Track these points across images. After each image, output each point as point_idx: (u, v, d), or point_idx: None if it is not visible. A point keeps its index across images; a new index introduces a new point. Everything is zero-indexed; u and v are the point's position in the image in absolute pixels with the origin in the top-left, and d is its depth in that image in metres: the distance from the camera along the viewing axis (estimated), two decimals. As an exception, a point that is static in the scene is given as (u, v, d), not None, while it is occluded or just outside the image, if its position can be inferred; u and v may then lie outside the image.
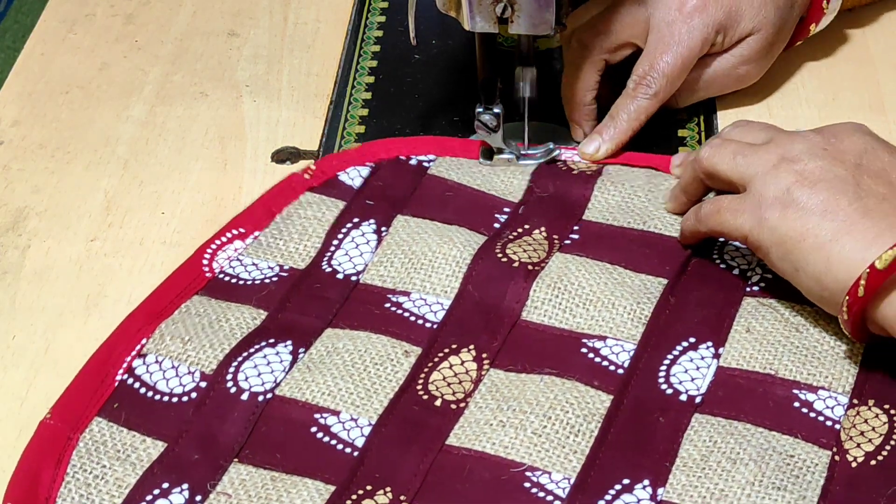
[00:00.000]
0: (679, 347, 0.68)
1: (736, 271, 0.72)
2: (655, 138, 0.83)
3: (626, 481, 0.62)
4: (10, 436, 0.67)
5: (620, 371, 0.67)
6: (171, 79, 0.91)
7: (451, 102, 0.87)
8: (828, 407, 0.65)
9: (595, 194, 0.78)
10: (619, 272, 0.72)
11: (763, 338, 0.68)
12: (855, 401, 0.65)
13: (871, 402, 0.65)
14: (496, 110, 0.77)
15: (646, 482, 0.62)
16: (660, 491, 0.61)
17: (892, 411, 0.65)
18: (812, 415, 0.65)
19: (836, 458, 0.63)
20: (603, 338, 0.69)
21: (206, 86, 0.90)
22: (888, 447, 0.63)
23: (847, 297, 0.62)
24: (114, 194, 0.82)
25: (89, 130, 0.87)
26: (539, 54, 0.90)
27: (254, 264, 0.74)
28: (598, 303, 0.71)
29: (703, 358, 0.68)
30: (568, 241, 0.75)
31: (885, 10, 0.93)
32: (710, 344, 0.68)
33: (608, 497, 0.61)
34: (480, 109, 0.78)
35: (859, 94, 0.87)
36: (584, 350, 0.68)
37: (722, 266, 0.73)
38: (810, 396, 0.65)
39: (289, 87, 0.90)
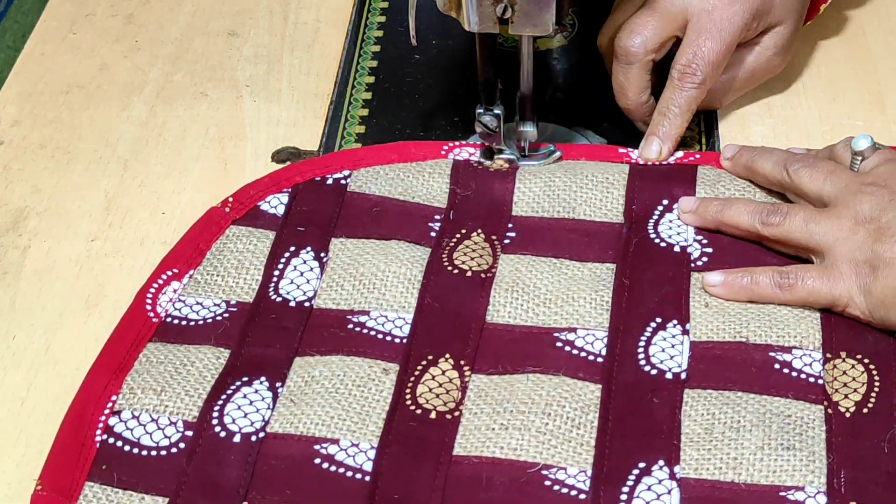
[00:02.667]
0: (649, 329, 0.70)
1: (676, 248, 0.74)
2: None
3: (642, 465, 0.63)
4: (11, 436, 0.67)
5: (600, 359, 0.68)
6: (171, 79, 0.91)
7: (451, 102, 0.87)
8: (806, 364, 0.67)
9: (518, 186, 0.78)
10: (567, 265, 0.74)
11: (724, 309, 0.70)
12: (828, 355, 0.68)
13: (843, 354, 0.68)
14: (496, 111, 0.77)
15: (661, 462, 0.63)
16: (676, 469, 0.63)
17: (866, 360, 0.67)
18: (794, 374, 0.67)
19: (829, 411, 0.65)
20: (573, 329, 0.70)
21: (206, 86, 0.90)
22: (874, 394, 0.66)
23: None
24: (114, 194, 0.82)
25: (89, 130, 0.87)
26: (539, 55, 0.90)
27: (198, 303, 0.73)
28: (558, 299, 0.71)
29: (674, 336, 0.69)
30: (507, 241, 0.75)
31: (885, 10, 0.93)
32: (675, 322, 0.70)
33: (630, 482, 0.62)
34: (481, 110, 0.78)
35: (859, 93, 0.87)
36: (558, 344, 0.69)
37: (662, 244, 0.74)
38: (787, 357, 0.68)
39: (289, 87, 0.90)
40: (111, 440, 0.65)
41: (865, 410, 0.65)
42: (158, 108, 0.88)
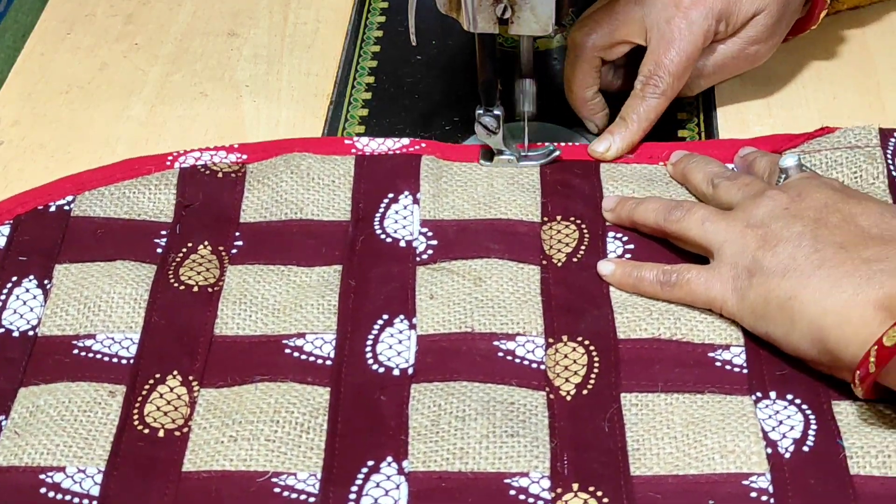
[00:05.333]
0: (376, 326, 0.71)
1: (402, 243, 0.75)
2: (657, 138, 0.82)
3: (371, 463, 0.64)
4: None
5: (329, 363, 0.69)
6: (171, 79, 0.91)
7: (451, 103, 0.87)
8: (529, 351, 0.69)
9: (246, 195, 0.78)
10: (295, 271, 0.74)
11: (448, 300, 0.71)
12: (550, 339, 0.70)
13: (564, 338, 0.70)
14: (496, 112, 0.77)
15: (389, 458, 0.64)
16: (405, 463, 0.64)
17: (586, 342, 0.69)
18: (517, 361, 0.69)
19: (551, 396, 0.67)
20: (302, 335, 0.70)
21: (206, 86, 0.90)
22: (594, 375, 0.68)
23: (858, 373, 0.63)
24: (114, 195, 0.82)
25: (89, 130, 0.87)
26: (539, 54, 0.90)
27: None
28: (286, 307, 0.72)
29: (401, 332, 0.70)
30: (235, 251, 0.75)
31: (885, 11, 0.93)
32: (402, 317, 0.71)
33: (359, 481, 0.63)
34: (481, 111, 0.78)
35: (859, 94, 0.87)
36: (287, 351, 0.70)
37: (388, 240, 0.75)
38: (510, 345, 0.69)
39: (289, 87, 0.90)
40: None
41: (585, 392, 0.67)
42: (158, 108, 0.88)
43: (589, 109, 0.84)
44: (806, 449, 0.64)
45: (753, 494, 0.62)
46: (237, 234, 0.76)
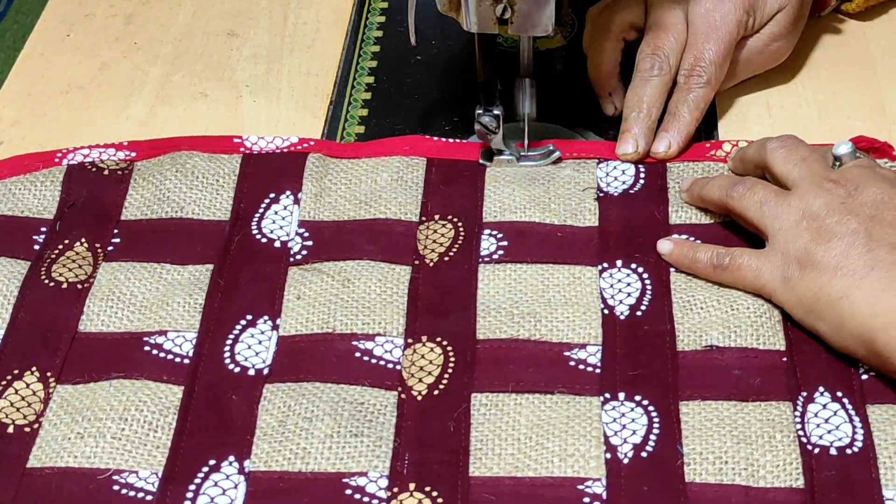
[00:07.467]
0: (238, 326, 0.71)
1: (277, 243, 0.75)
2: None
3: (212, 462, 0.64)
4: None
5: (186, 361, 0.69)
6: (171, 79, 0.91)
7: (450, 103, 0.87)
8: (387, 351, 0.70)
9: (130, 193, 0.79)
10: (168, 269, 0.74)
11: (314, 300, 0.72)
12: (410, 340, 0.70)
13: (424, 339, 0.70)
14: (496, 112, 0.77)
15: (231, 458, 0.65)
16: (246, 463, 0.64)
17: (444, 342, 0.70)
18: (374, 361, 0.69)
19: (403, 396, 0.67)
20: (164, 332, 0.70)
21: (206, 86, 0.90)
22: (447, 375, 0.68)
23: None
24: (114, 195, 0.82)
25: (89, 130, 0.87)
26: (539, 54, 0.90)
27: None
28: (154, 305, 0.72)
29: (262, 332, 0.71)
30: (111, 248, 0.75)
31: (884, 11, 0.93)
32: (267, 317, 0.71)
33: (197, 480, 0.64)
34: (480, 111, 0.78)
35: (859, 94, 0.87)
36: (146, 348, 0.70)
37: (263, 240, 0.75)
38: (369, 345, 0.70)
39: (289, 87, 0.90)
40: None
41: (437, 392, 0.67)
42: (158, 108, 0.88)
43: (612, 86, 0.85)
44: (644, 455, 0.64)
45: (587, 500, 0.62)
46: (115, 231, 0.76)
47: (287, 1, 0.98)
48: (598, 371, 0.68)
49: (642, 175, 0.79)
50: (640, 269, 0.73)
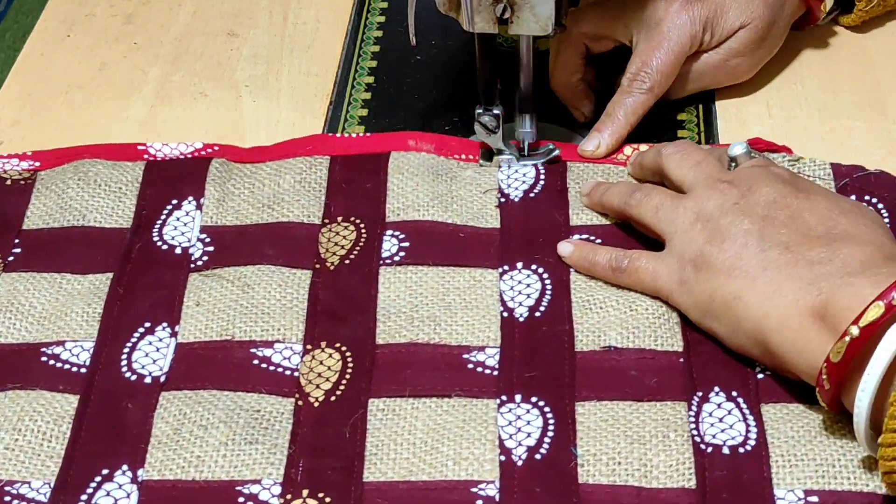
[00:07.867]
0: (136, 334, 0.71)
1: (178, 250, 0.75)
2: (658, 139, 0.82)
3: (105, 471, 0.64)
4: None
5: (83, 370, 0.69)
6: (171, 79, 0.91)
7: (450, 103, 0.87)
8: (285, 358, 0.69)
9: (32, 202, 0.78)
10: (68, 279, 0.74)
11: (214, 307, 0.72)
12: (309, 346, 0.70)
13: (323, 344, 0.70)
14: (496, 111, 0.78)
15: (124, 467, 0.64)
16: (139, 472, 0.64)
17: (343, 348, 0.69)
18: (271, 368, 0.69)
19: (300, 403, 0.67)
20: (61, 342, 0.70)
21: (206, 86, 0.90)
22: (344, 381, 0.68)
23: (818, 390, 0.63)
24: (113, 194, 0.82)
25: (89, 130, 0.87)
26: (539, 54, 0.90)
27: None
28: (52, 315, 0.72)
29: (161, 339, 0.70)
30: (11, 258, 0.75)
31: (883, 17, 0.93)
32: (165, 325, 0.71)
33: (90, 490, 0.63)
34: (480, 111, 0.78)
35: (859, 94, 0.87)
36: (43, 359, 0.70)
37: (164, 247, 0.75)
38: (267, 352, 0.70)
39: (288, 87, 0.90)
40: None
41: (333, 398, 0.67)
42: (158, 108, 0.88)
43: (573, 95, 0.85)
44: (538, 457, 0.64)
45: (479, 502, 0.62)
46: (17, 241, 0.76)
47: (287, 1, 0.98)
48: (495, 373, 0.68)
49: (542, 176, 0.79)
50: (541, 270, 0.73)
